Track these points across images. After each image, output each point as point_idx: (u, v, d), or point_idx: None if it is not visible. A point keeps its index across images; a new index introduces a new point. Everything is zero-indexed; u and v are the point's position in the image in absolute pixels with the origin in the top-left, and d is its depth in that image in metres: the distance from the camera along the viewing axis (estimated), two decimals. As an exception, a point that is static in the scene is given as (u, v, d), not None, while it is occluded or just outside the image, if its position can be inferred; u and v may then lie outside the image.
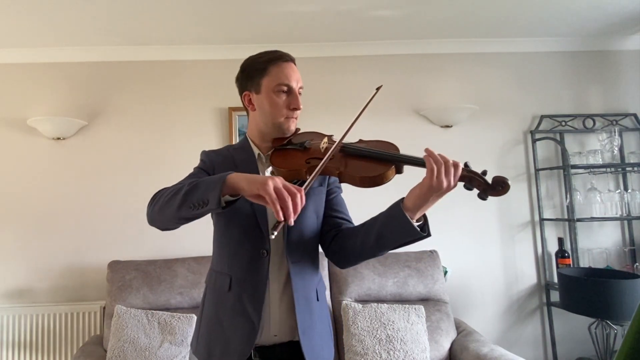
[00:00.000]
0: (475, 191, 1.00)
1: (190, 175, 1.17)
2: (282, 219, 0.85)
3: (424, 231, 1.00)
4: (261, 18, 2.37)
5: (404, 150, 1.07)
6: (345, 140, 1.09)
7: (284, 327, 1.10)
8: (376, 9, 2.31)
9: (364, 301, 2.31)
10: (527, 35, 2.72)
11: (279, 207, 0.85)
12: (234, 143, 2.63)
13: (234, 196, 0.95)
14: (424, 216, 1.02)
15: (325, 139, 1.14)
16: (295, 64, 1.16)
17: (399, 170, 1.04)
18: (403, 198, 1.00)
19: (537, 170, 2.72)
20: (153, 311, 2.20)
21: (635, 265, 2.64)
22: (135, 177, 2.64)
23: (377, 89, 1.15)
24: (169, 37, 2.58)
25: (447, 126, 2.71)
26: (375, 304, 2.22)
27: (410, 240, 1.00)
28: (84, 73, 2.69)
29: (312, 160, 1.08)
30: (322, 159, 1.04)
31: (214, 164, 1.18)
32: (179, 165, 2.62)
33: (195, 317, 2.19)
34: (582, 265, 2.57)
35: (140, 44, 2.65)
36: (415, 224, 0.98)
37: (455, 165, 0.95)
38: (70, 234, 2.59)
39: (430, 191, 0.94)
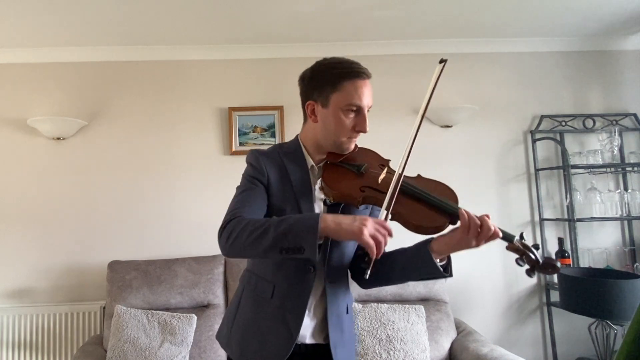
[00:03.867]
0: (525, 267, 1.00)
1: (245, 188, 1.12)
2: (375, 256, 0.90)
3: (447, 271, 1.05)
4: (261, 18, 2.37)
5: (403, 150, 1.05)
6: (405, 174, 1.05)
7: (315, 336, 1.14)
8: (376, 9, 2.31)
9: (364, 301, 2.31)
10: (527, 35, 2.72)
11: (375, 250, 0.89)
12: (233, 144, 2.63)
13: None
14: (448, 257, 1.06)
15: (385, 170, 1.10)
16: (369, 80, 1.09)
17: (453, 222, 1.01)
18: (431, 239, 1.04)
19: (537, 170, 2.72)
20: (153, 311, 2.20)
21: (635, 265, 2.64)
22: (136, 177, 2.64)
23: (443, 61, 1.06)
24: (169, 37, 2.58)
25: (447, 126, 2.71)
26: (375, 304, 2.22)
27: (432, 277, 1.06)
28: (84, 73, 2.69)
29: (367, 190, 1.05)
30: (378, 190, 1.04)
31: (266, 171, 1.12)
32: (178, 165, 2.63)
33: (195, 317, 2.19)
34: (582, 265, 2.56)
35: (140, 44, 2.65)
36: (439, 264, 1.03)
37: (491, 233, 0.98)
38: (70, 234, 2.59)
39: (459, 245, 0.99)
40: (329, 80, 1.06)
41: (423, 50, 2.77)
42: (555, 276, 2.62)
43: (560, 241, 2.59)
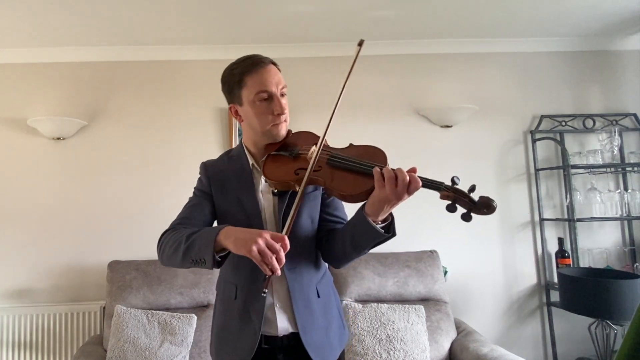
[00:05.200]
0: (460, 210, 0.95)
1: (190, 202, 1.22)
2: (270, 273, 0.92)
3: (389, 232, 1.03)
4: (261, 18, 2.37)
5: (403, 150, 1.07)
6: (335, 145, 1.09)
7: (288, 326, 1.16)
8: (376, 9, 2.31)
9: (364, 301, 2.31)
10: (527, 35, 2.72)
11: (265, 266, 0.92)
12: (233, 144, 2.63)
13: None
14: (391, 214, 1.04)
15: (314, 147, 1.11)
16: (274, 65, 1.15)
17: None
18: (364, 204, 1.03)
19: (537, 170, 2.72)
20: (153, 311, 2.20)
21: (635, 265, 2.64)
22: (135, 177, 2.64)
23: (360, 44, 1.11)
24: (169, 37, 2.58)
25: (447, 126, 2.71)
26: (375, 304, 2.22)
27: (380, 241, 1.04)
28: (84, 73, 2.69)
29: (300, 172, 1.08)
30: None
31: (210, 182, 1.22)
32: (178, 165, 2.63)
33: (195, 317, 2.19)
34: (582, 265, 2.56)
35: (140, 44, 2.65)
36: (381, 226, 1.01)
37: (407, 182, 0.93)
38: (70, 234, 2.59)
39: (382, 201, 0.96)
40: (234, 81, 1.13)
41: (423, 50, 2.77)
42: (555, 276, 2.63)
43: (560, 241, 2.59)
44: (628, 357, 0.43)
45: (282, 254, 0.93)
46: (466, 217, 0.94)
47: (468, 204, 0.93)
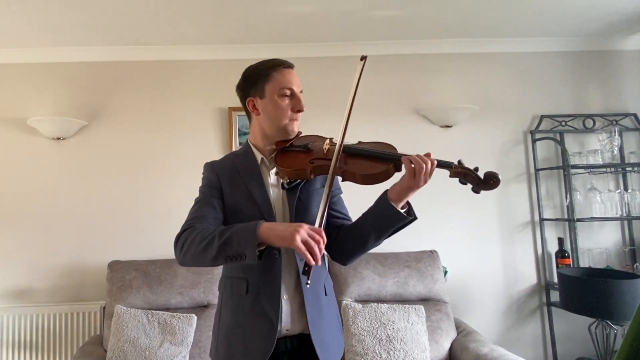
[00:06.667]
0: (469, 186, 1.09)
1: (199, 199, 1.22)
2: (313, 263, 0.94)
3: (410, 215, 1.13)
4: (261, 18, 2.37)
5: (404, 150, 1.09)
6: (346, 142, 1.15)
7: (295, 322, 1.16)
8: (376, 9, 2.31)
9: (364, 301, 2.31)
10: (527, 35, 2.72)
11: (310, 257, 0.94)
12: (233, 144, 2.64)
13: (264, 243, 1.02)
14: (408, 202, 1.13)
15: (327, 141, 1.19)
16: (293, 70, 1.22)
17: (398, 169, 1.09)
18: (387, 190, 1.12)
19: (537, 170, 2.72)
20: (153, 311, 2.20)
21: (635, 265, 2.64)
22: (135, 177, 2.64)
23: (363, 59, 1.16)
24: (169, 37, 2.58)
25: (447, 126, 2.71)
26: (375, 304, 2.22)
27: (401, 226, 1.12)
28: (84, 73, 2.69)
29: (315, 161, 1.14)
30: (324, 159, 1.12)
31: (219, 177, 1.22)
32: (179, 165, 2.64)
33: (195, 317, 2.19)
34: (582, 265, 2.56)
35: (140, 44, 2.65)
36: (402, 211, 1.11)
37: (432, 164, 1.05)
38: (70, 234, 2.59)
39: (410, 188, 1.07)
40: (259, 75, 1.19)
41: (423, 50, 2.77)
42: (555, 276, 2.63)
43: (560, 241, 2.59)
44: (628, 357, 0.43)
45: (322, 245, 0.96)
46: (475, 190, 1.08)
47: (476, 179, 1.07)
